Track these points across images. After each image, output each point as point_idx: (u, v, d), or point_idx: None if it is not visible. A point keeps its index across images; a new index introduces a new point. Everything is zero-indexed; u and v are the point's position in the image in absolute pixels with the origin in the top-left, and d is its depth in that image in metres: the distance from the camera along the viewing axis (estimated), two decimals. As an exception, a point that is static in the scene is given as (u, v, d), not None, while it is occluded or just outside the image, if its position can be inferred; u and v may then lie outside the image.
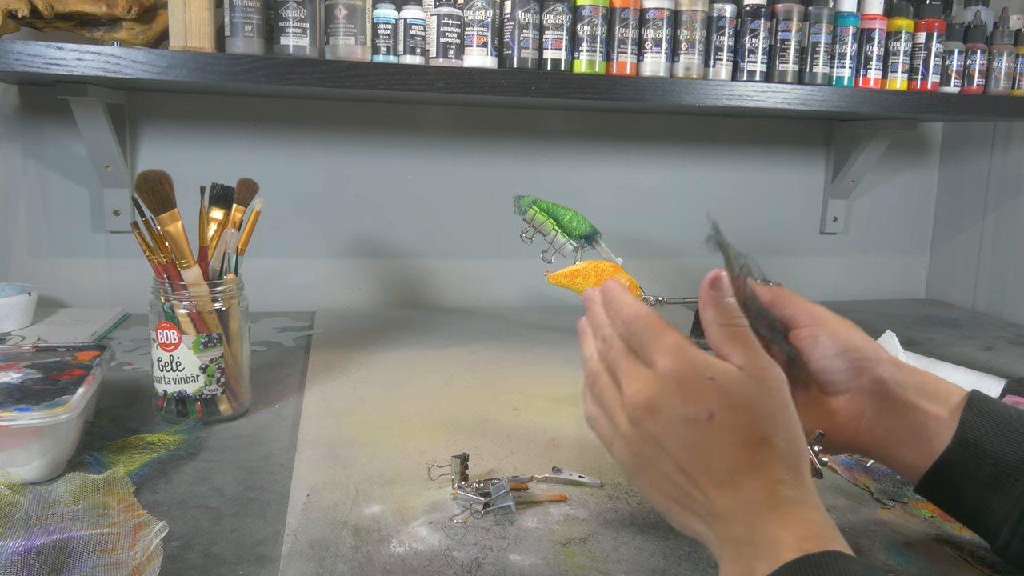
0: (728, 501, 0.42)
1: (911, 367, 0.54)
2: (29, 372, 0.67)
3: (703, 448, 0.42)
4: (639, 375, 0.45)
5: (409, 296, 1.31)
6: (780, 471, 0.42)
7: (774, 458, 0.42)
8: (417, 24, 0.92)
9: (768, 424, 0.43)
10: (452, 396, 0.84)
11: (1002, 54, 1.15)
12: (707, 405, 0.42)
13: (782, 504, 0.41)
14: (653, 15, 0.98)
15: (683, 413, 0.43)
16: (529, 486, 0.61)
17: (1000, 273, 1.37)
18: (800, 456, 0.44)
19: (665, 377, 0.44)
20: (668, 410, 0.43)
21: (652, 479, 0.45)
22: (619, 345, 0.47)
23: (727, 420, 0.42)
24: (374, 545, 0.53)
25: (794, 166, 1.43)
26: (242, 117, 1.19)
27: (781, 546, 0.39)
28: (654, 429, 0.44)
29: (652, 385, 0.44)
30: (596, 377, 0.48)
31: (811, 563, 0.38)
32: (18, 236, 1.15)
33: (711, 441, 0.42)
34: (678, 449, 0.43)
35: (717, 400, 0.43)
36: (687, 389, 0.43)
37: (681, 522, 0.45)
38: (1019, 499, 0.47)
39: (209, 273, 0.74)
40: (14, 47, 0.81)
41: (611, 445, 0.48)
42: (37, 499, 0.56)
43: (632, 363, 0.46)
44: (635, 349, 0.46)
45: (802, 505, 0.41)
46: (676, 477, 0.43)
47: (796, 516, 0.40)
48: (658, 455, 0.44)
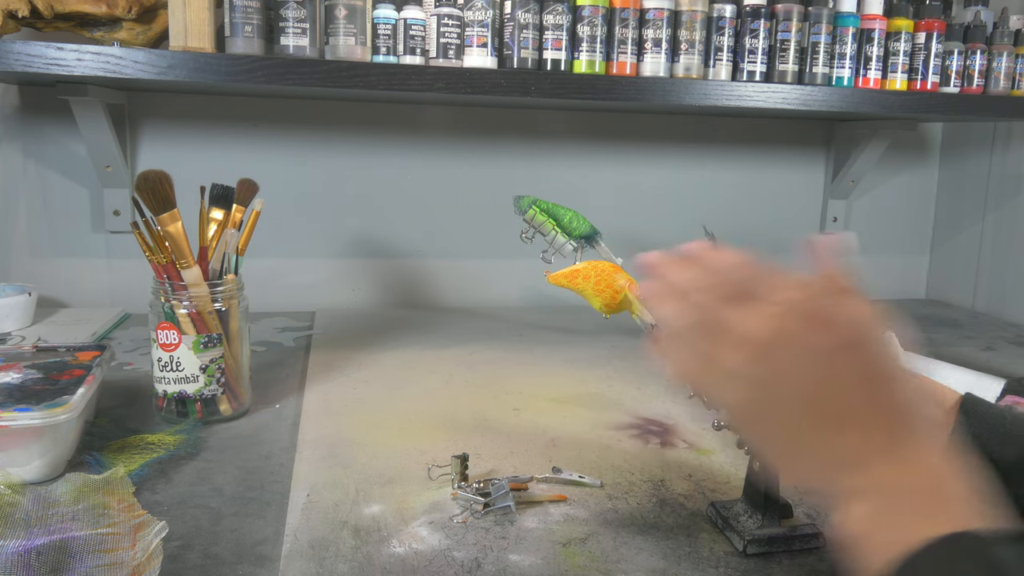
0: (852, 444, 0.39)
1: None
2: (29, 372, 0.67)
3: (832, 382, 0.40)
4: (758, 313, 0.42)
5: (409, 296, 1.31)
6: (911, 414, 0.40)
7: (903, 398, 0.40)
8: (417, 24, 0.92)
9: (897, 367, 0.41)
10: (452, 396, 0.84)
11: (1002, 54, 1.15)
12: (838, 337, 0.40)
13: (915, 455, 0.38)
14: (653, 15, 0.98)
15: (815, 343, 0.40)
16: (529, 486, 0.61)
17: (1000, 273, 1.37)
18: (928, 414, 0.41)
19: (792, 310, 0.41)
20: (798, 342, 0.40)
21: (773, 422, 0.42)
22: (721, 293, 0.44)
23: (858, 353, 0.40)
24: (374, 545, 0.53)
25: (794, 166, 1.43)
26: (242, 117, 1.19)
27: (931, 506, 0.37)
28: (781, 364, 0.41)
29: (776, 320, 0.41)
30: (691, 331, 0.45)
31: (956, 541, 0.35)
32: (18, 236, 1.15)
33: (841, 374, 0.40)
34: (808, 384, 0.40)
35: (847, 332, 0.40)
36: (818, 320, 0.41)
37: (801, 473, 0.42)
38: (1016, 500, 0.47)
39: (209, 273, 0.74)
40: (14, 47, 0.81)
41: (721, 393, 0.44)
42: (37, 499, 0.56)
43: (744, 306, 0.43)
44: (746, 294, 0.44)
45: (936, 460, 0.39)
46: (800, 419, 0.41)
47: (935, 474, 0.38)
48: (785, 393, 0.41)
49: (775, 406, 0.41)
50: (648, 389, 0.87)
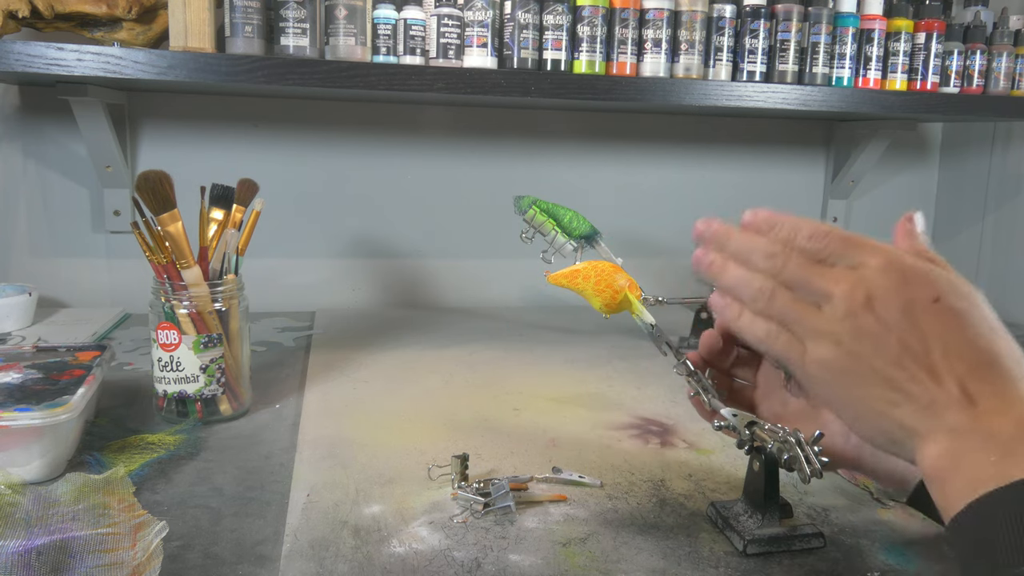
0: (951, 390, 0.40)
1: None
2: (29, 372, 0.67)
3: (928, 332, 0.41)
4: (845, 275, 0.43)
5: (409, 296, 1.31)
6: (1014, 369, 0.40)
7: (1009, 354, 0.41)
8: (417, 24, 0.92)
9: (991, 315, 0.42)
10: (452, 396, 0.84)
11: (1002, 54, 1.15)
12: (933, 288, 0.42)
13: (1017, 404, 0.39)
14: (653, 15, 0.98)
15: (907, 298, 0.41)
16: (529, 486, 0.61)
17: (1000, 273, 1.37)
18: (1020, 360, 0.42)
19: (883, 269, 0.42)
20: (890, 298, 0.42)
21: (861, 380, 0.43)
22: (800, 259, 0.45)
23: (955, 303, 0.41)
24: (374, 545, 0.53)
25: (794, 166, 1.43)
26: (242, 117, 1.19)
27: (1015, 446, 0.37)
28: (872, 321, 0.42)
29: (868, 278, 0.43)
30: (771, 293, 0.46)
31: None
32: (18, 236, 1.15)
33: (938, 324, 0.41)
34: (899, 337, 0.41)
35: (943, 284, 0.42)
36: (909, 276, 0.42)
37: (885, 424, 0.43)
38: None
39: (209, 273, 0.74)
40: (14, 47, 0.81)
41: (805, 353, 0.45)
42: (37, 499, 0.56)
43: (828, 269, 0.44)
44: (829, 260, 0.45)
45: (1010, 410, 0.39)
46: (892, 371, 0.41)
47: None
48: (874, 349, 0.42)
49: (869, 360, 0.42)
50: (648, 389, 0.87)
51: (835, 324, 0.43)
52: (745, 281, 0.47)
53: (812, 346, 0.44)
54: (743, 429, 0.53)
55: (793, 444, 0.50)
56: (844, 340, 0.43)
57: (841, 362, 0.43)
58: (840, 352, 0.43)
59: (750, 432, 0.53)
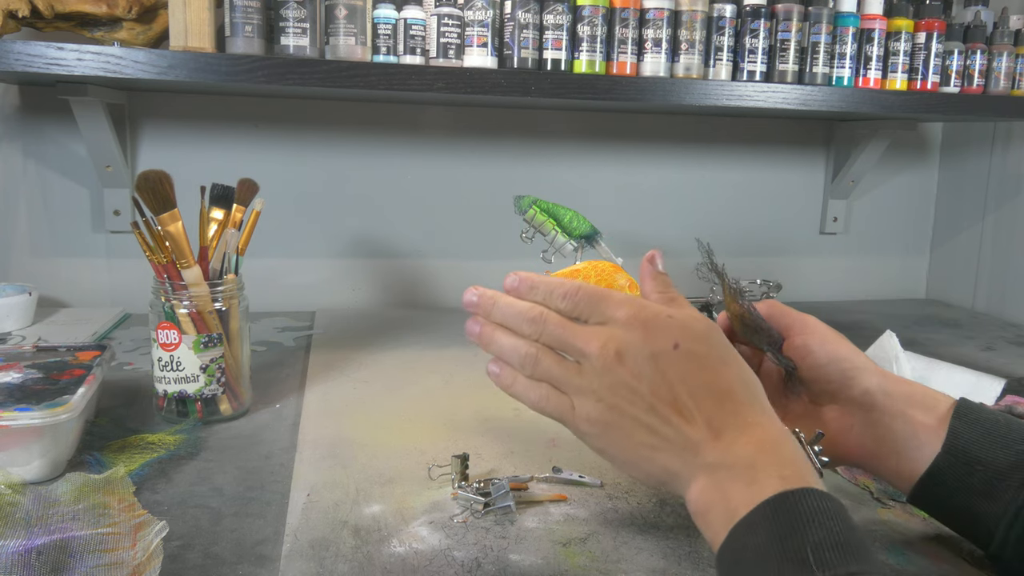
0: (699, 427, 0.44)
1: (898, 377, 0.54)
2: (29, 372, 0.67)
3: (671, 377, 0.45)
4: (597, 333, 0.47)
5: (409, 296, 1.31)
6: (744, 396, 0.44)
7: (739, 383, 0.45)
8: (417, 24, 0.92)
9: (728, 353, 0.46)
10: (452, 396, 0.84)
11: (1002, 54, 1.15)
12: (671, 336, 0.45)
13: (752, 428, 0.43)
14: (653, 15, 0.98)
15: (651, 349, 0.45)
16: (529, 486, 0.61)
17: (1000, 273, 1.37)
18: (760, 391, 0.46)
19: (627, 324, 0.46)
20: (636, 350, 0.45)
21: (624, 430, 0.46)
22: (557, 319, 0.49)
23: (692, 347, 0.45)
24: (374, 545, 0.53)
25: (794, 166, 1.43)
26: (242, 117, 1.19)
27: (758, 471, 0.41)
28: (624, 374, 0.45)
29: (616, 335, 0.46)
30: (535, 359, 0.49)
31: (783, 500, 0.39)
32: (18, 236, 1.15)
33: (679, 369, 0.45)
34: (648, 387, 0.45)
35: (679, 331, 0.46)
36: (650, 328, 0.46)
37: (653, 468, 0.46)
38: (1009, 504, 0.47)
39: (209, 273, 0.74)
40: (14, 47, 0.81)
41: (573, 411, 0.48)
42: (37, 499, 0.56)
43: (582, 328, 0.48)
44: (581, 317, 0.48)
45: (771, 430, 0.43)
46: (648, 418, 0.45)
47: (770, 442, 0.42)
48: (630, 399, 0.45)
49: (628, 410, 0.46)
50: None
51: (594, 381, 0.46)
52: (512, 348, 0.51)
53: (578, 404, 0.47)
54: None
55: (793, 444, 0.50)
56: (603, 395, 0.46)
57: (604, 416, 0.46)
58: (602, 407, 0.46)
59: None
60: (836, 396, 0.54)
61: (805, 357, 0.54)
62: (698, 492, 0.43)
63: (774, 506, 0.39)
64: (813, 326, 0.55)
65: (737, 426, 0.43)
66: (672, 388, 0.44)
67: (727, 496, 0.41)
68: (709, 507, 0.42)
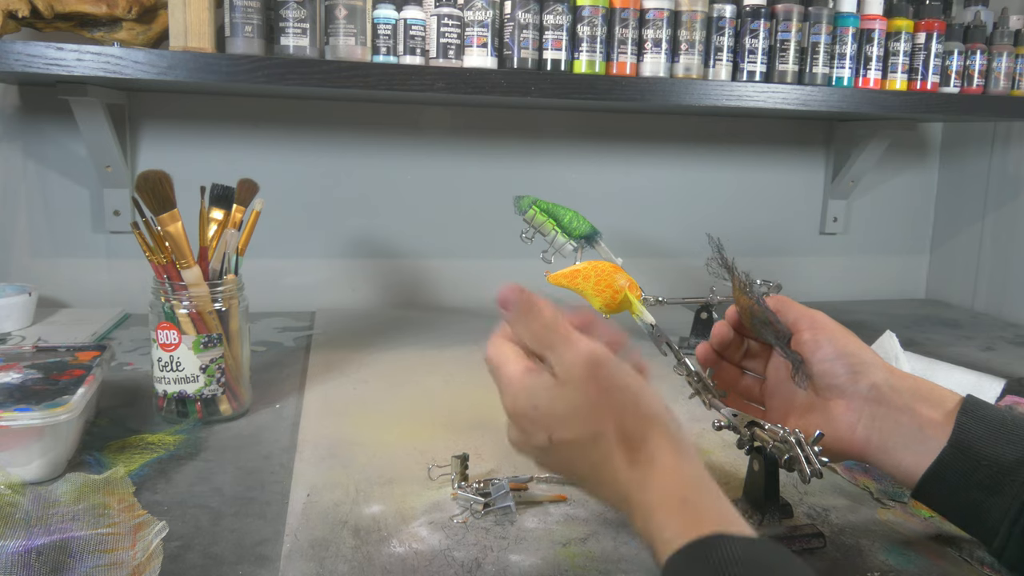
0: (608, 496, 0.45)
1: (904, 373, 0.54)
2: (29, 372, 0.67)
3: (562, 463, 0.47)
4: None
5: (409, 296, 1.31)
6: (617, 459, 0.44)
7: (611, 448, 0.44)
8: (417, 24, 0.92)
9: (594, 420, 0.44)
10: (452, 396, 0.84)
11: (1002, 54, 1.15)
12: (542, 432, 0.45)
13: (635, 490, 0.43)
14: (653, 15, 0.98)
15: (532, 444, 0.47)
16: (529, 486, 0.61)
17: (1000, 273, 1.37)
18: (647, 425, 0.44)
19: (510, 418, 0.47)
20: (523, 444, 0.47)
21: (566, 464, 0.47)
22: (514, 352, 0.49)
23: (562, 436, 0.45)
24: (374, 545, 0.53)
25: (794, 166, 1.43)
26: (242, 117, 1.19)
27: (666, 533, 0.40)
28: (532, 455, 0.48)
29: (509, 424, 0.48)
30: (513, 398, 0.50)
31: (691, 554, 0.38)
32: (18, 236, 1.15)
33: (563, 456, 0.46)
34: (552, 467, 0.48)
35: (545, 424, 0.45)
36: (523, 426, 0.46)
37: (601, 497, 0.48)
38: (1015, 500, 0.47)
39: (209, 273, 0.74)
40: (14, 47, 0.81)
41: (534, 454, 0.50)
42: (37, 499, 0.56)
43: None
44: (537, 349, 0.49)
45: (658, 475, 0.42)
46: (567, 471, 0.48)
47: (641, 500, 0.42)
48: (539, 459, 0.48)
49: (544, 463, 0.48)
50: (648, 389, 0.87)
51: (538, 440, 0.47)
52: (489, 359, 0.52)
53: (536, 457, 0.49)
54: (743, 429, 0.53)
55: (793, 444, 0.50)
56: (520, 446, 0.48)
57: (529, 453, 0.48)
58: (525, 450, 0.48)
59: (750, 432, 0.53)
60: (843, 391, 0.54)
61: (813, 352, 0.54)
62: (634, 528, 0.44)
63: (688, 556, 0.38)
64: (822, 321, 0.56)
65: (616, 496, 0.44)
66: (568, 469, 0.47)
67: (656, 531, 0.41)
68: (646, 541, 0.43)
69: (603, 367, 0.45)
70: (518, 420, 0.47)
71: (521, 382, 0.46)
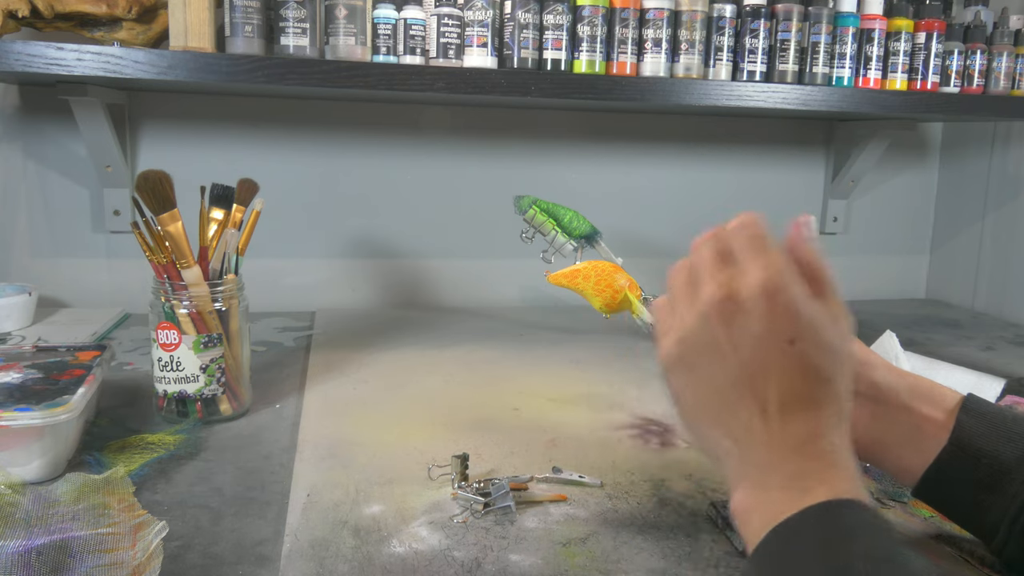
0: (772, 427, 0.41)
1: (904, 371, 0.54)
2: (29, 372, 0.67)
3: (770, 369, 0.41)
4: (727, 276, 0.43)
5: (409, 296, 1.31)
6: (831, 415, 0.41)
7: (831, 401, 0.42)
8: (417, 24, 0.92)
9: (837, 367, 0.42)
10: (452, 396, 0.84)
11: (1002, 54, 1.15)
12: (792, 330, 0.41)
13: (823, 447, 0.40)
14: (653, 15, 0.98)
15: (766, 328, 0.41)
16: (529, 486, 0.61)
17: (1000, 273, 1.37)
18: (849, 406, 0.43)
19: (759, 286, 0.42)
20: (750, 320, 0.41)
21: (697, 382, 0.44)
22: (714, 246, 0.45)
23: (805, 351, 0.41)
24: (374, 545, 0.53)
25: (794, 166, 1.43)
26: (242, 117, 1.19)
27: (810, 483, 0.39)
28: (720, 334, 0.42)
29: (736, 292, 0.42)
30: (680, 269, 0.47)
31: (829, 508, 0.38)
32: (18, 236, 1.15)
33: (782, 365, 0.41)
34: (743, 362, 0.42)
35: (803, 329, 0.41)
36: (777, 307, 0.41)
37: (706, 433, 0.44)
38: (1015, 498, 0.47)
39: (209, 273, 0.74)
40: (14, 47, 0.81)
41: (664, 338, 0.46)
42: (37, 499, 0.56)
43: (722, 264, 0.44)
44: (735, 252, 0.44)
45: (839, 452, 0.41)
46: (725, 387, 0.42)
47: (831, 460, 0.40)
48: (718, 360, 0.42)
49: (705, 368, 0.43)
50: (648, 389, 0.87)
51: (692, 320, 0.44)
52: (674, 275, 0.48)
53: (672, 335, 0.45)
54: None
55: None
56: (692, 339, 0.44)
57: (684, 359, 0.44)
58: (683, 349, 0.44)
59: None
60: None
61: None
62: (744, 491, 0.41)
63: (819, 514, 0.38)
64: None
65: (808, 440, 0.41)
66: (766, 377, 0.41)
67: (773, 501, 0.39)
68: (752, 508, 0.41)
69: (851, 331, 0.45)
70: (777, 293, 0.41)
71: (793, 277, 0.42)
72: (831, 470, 0.40)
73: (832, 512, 0.38)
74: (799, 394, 0.41)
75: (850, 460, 0.41)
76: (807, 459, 0.40)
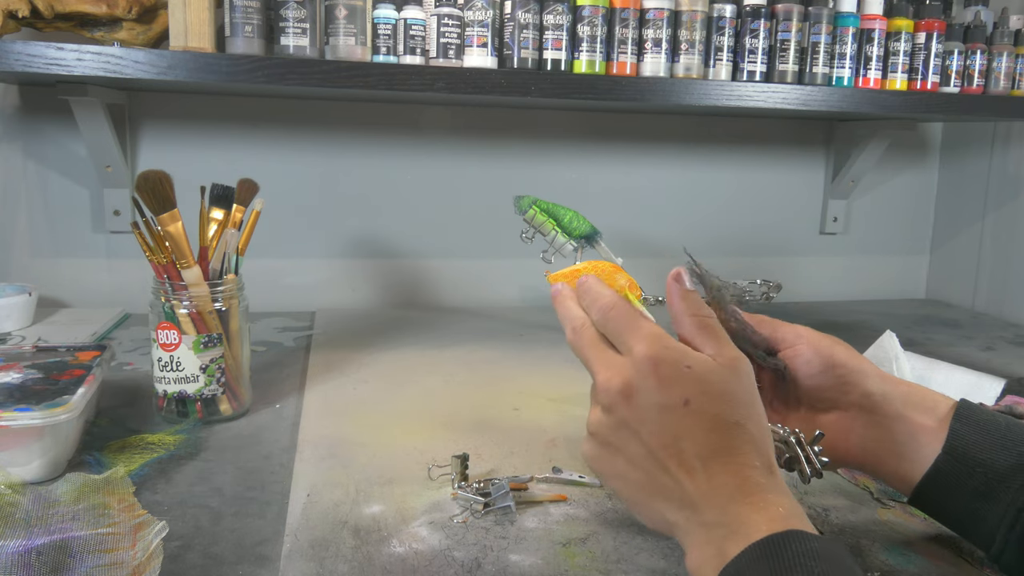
0: (701, 486, 0.42)
1: (897, 379, 0.54)
2: (29, 372, 0.67)
3: (677, 434, 0.43)
4: (612, 362, 0.46)
5: (409, 296, 1.31)
6: (752, 457, 0.43)
7: (746, 443, 0.43)
8: (417, 24, 0.92)
9: (741, 411, 0.44)
10: (452, 396, 0.84)
11: (1002, 54, 1.15)
12: (683, 391, 0.43)
13: (753, 489, 0.42)
14: (653, 15, 0.98)
15: (659, 399, 0.43)
16: (529, 486, 0.61)
17: (1000, 273, 1.37)
18: (769, 444, 0.45)
19: (642, 362, 0.44)
20: (644, 395, 0.44)
21: (620, 468, 0.45)
22: (591, 334, 0.49)
23: (703, 406, 0.43)
24: (374, 545, 0.53)
25: (794, 166, 1.43)
26: (242, 117, 1.19)
27: (752, 527, 0.40)
28: (627, 415, 0.44)
29: (627, 371, 0.45)
30: None
31: (773, 542, 0.38)
32: (18, 236, 1.15)
33: (686, 427, 0.43)
34: (651, 435, 0.44)
35: (693, 387, 0.43)
36: (664, 375, 0.44)
37: (649, 512, 0.45)
38: (1010, 506, 0.47)
39: (209, 273, 0.74)
40: (14, 47, 0.81)
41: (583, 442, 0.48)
42: (37, 499, 0.56)
43: (604, 351, 0.47)
44: (609, 337, 0.48)
45: (772, 491, 0.42)
46: (646, 464, 0.44)
47: (766, 500, 0.41)
48: (628, 442, 0.45)
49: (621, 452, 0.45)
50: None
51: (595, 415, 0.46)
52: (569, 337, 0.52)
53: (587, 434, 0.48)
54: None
55: (793, 444, 0.50)
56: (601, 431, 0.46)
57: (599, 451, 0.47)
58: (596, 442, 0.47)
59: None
60: (836, 402, 0.53)
61: (799, 366, 0.54)
62: (695, 549, 0.42)
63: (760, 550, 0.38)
64: (805, 335, 0.55)
65: (739, 487, 0.42)
66: (676, 442, 0.43)
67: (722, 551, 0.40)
68: (705, 562, 0.41)
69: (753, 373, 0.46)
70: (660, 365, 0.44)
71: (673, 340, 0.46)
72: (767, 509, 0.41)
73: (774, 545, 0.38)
74: (713, 447, 0.43)
75: (784, 492, 0.42)
76: (741, 504, 0.41)
